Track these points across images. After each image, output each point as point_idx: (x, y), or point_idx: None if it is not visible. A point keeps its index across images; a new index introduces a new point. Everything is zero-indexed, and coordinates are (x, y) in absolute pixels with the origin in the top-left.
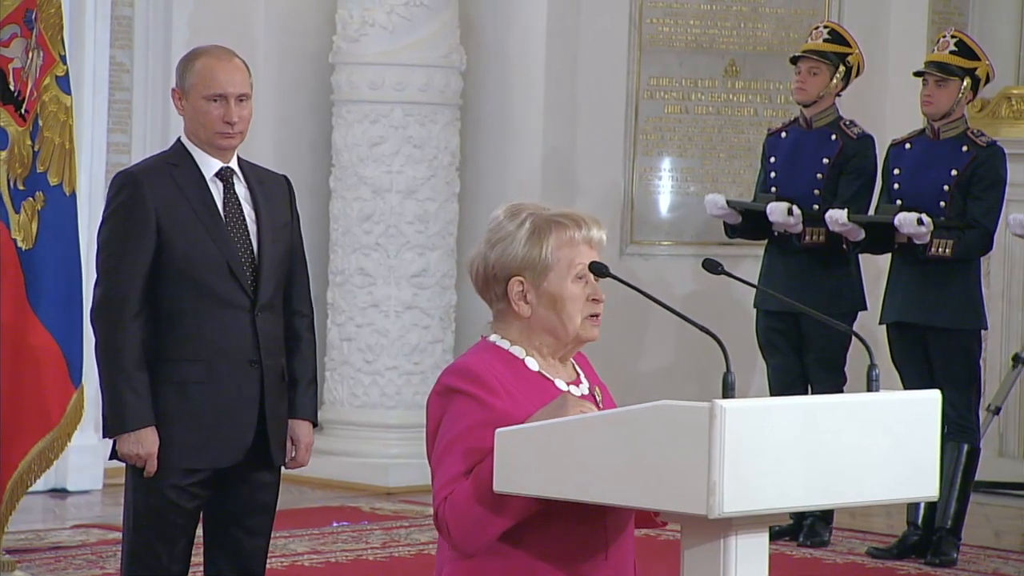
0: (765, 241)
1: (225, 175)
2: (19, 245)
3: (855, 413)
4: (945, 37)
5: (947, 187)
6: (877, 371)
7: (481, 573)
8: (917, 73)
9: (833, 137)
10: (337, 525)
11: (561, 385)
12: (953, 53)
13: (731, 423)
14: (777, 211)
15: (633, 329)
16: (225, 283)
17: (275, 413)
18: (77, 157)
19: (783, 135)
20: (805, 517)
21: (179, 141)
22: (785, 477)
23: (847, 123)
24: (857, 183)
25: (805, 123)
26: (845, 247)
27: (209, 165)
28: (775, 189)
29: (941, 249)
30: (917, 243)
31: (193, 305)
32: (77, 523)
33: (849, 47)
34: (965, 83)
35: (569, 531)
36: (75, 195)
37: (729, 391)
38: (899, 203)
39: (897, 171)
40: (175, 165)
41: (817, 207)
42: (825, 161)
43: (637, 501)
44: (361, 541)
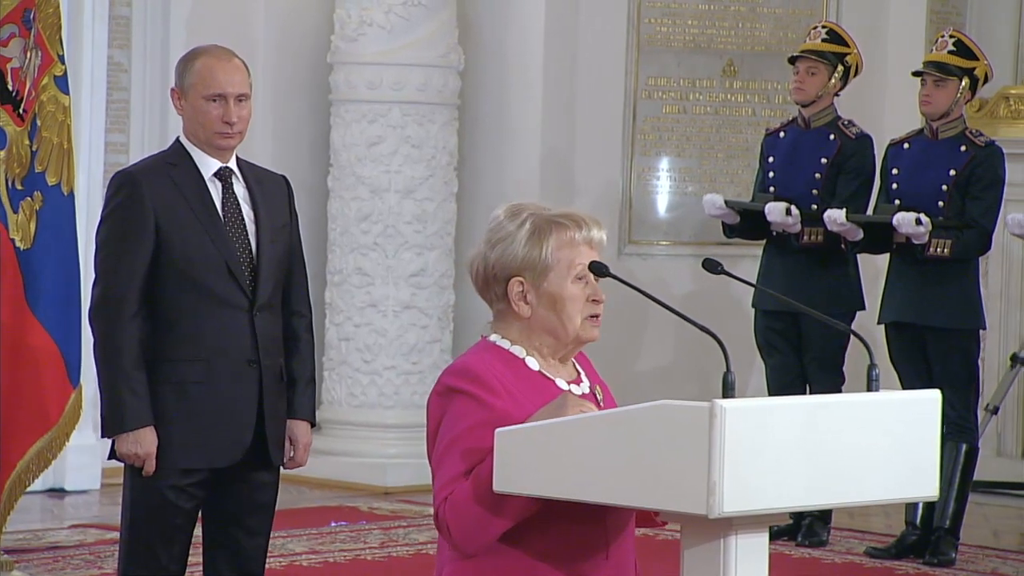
0: (763, 241)
1: (224, 175)
2: (17, 245)
3: (855, 413)
4: (943, 37)
5: (945, 187)
6: (877, 371)
7: (481, 573)
8: (916, 73)
9: (831, 137)
10: (335, 525)
11: (562, 384)
12: (951, 53)
13: (731, 423)
14: (775, 211)
15: (632, 329)
16: (224, 283)
17: (274, 413)
18: (75, 157)
19: (781, 135)
20: (803, 517)
21: (178, 141)
22: (785, 477)
23: (845, 123)
24: (855, 183)
25: (803, 123)
26: (843, 247)
27: (208, 165)
28: (773, 189)
29: (939, 249)
30: (915, 243)
31: (192, 305)
32: (75, 523)
33: (847, 47)
34: (963, 83)
35: (569, 531)
36: (73, 195)
37: (729, 391)
38: (897, 203)
39: (895, 171)
40: (174, 165)
41: (815, 207)
42: (823, 161)
43: (637, 501)
44: (359, 541)
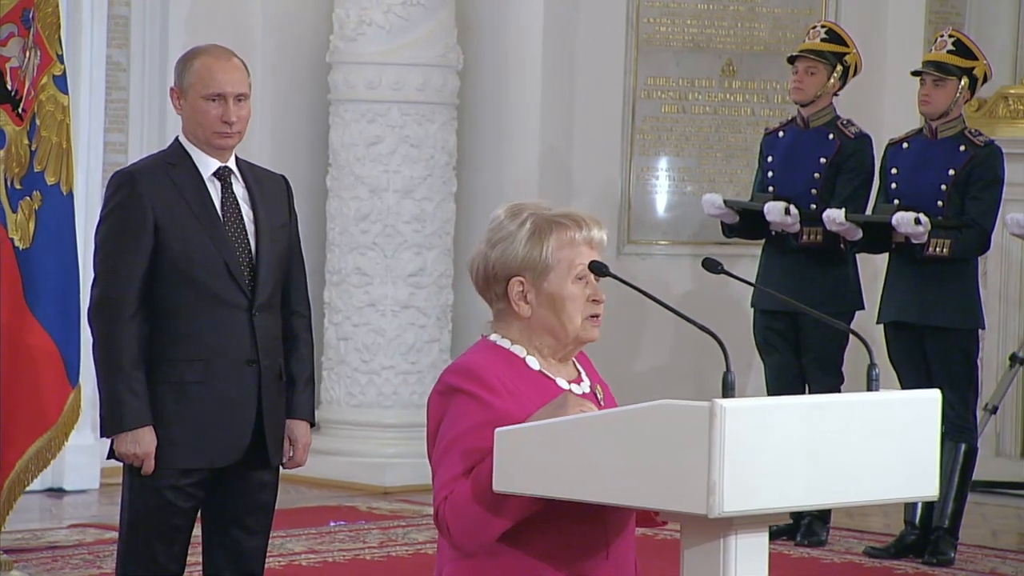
0: (762, 241)
1: (223, 175)
2: (16, 244)
3: (855, 413)
4: (943, 37)
5: (945, 186)
6: (877, 371)
7: (482, 572)
8: (915, 72)
9: (830, 136)
10: (334, 525)
11: (562, 383)
12: (951, 53)
13: (731, 422)
14: (774, 211)
15: (630, 329)
16: (223, 283)
17: (273, 413)
18: (74, 156)
19: (780, 134)
20: (802, 516)
21: (177, 140)
22: (785, 477)
23: (844, 122)
24: (854, 182)
25: (802, 123)
26: (843, 246)
27: (207, 165)
28: (772, 188)
29: (939, 249)
30: (915, 243)
31: (191, 305)
32: (74, 523)
33: (847, 47)
34: (963, 83)
35: (570, 530)
36: (72, 194)
37: (729, 390)
38: (897, 202)
39: (895, 170)
40: (173, 164)
41: (814, 206)
42: (822, 160)
43: (637, 501)
44: (358, 541)
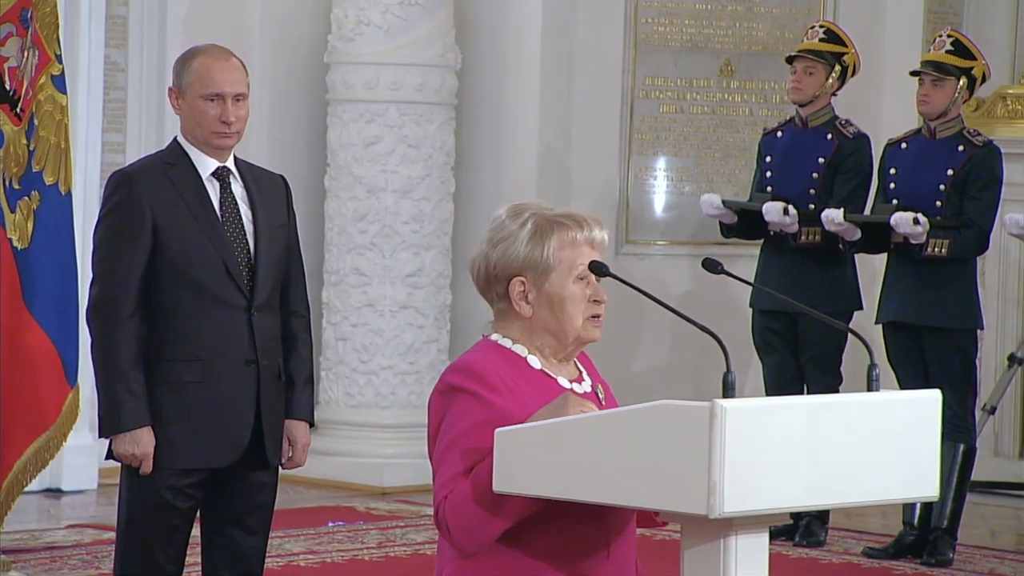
0: (761, 241)
1: (222, 175)
2: (15, 244)
3: (856, 413)
4: (941, 36)
5: (943, 187)
6: (877, 371)
7: (482, 572)
8: (913, 72)
9: (829, 136)
10: (333, 525)
11: (564, 383)
12: (949, 52)
13: (732, 423)
14: (773, 211)
15: (629, 329)
16: (222, 283)
17: (272, 413)
18: (72, 156)
19: (779, 134)
20: (801, 517)
21: (175, 140)
22: (786, 477)
23: (843, 122)
24: (853, 182)
25: (801, 122)
26: (841, 247)
27: (206, 165)
28: (771, 189)
29: (937, 249)
30: (913, 243)
31: (189, 305)
32: (72, 523)
33: (845, 47)
34: (961, 83)
35: (570, 530)
36: (71, 194)
37: (729, 391)
38: (895, 203)
39: (893, 171)
40: (171, 164)
41: (813, 207)
42: (821, 160)
43: (637, 501)
44: (357, 541)
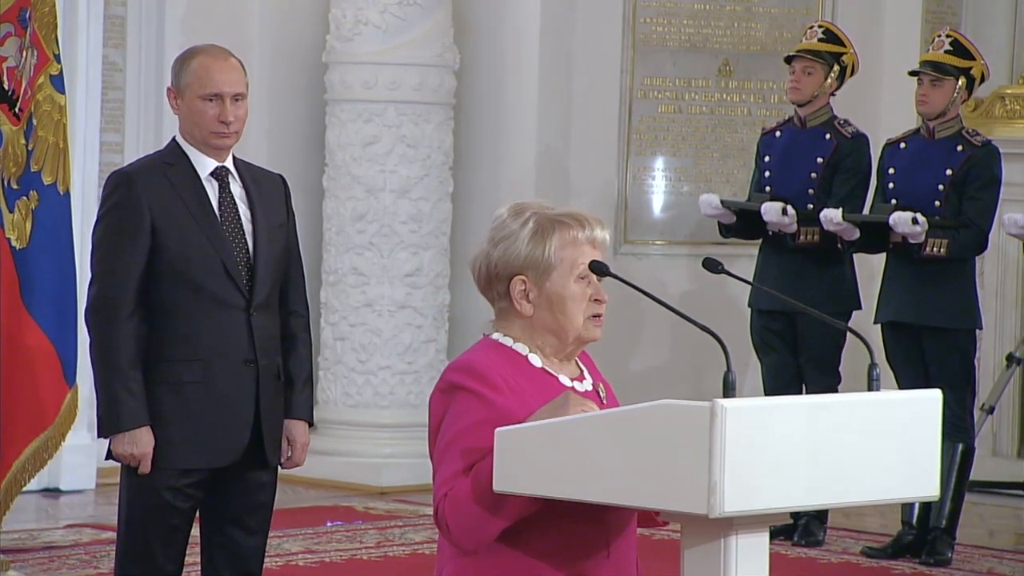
0: (759, 241)
1: (220, 174)
2: (13, 244)
3: (856, 413)
4: (940, 36)
5: (942, 186)
6: (878, 370)
7: (483, 571)
8: (912, 72)
9: (827, 136)
10: (331, 525)
11: (565, 381)
12: (948, 52)
13: (732, 422)
14: (771, 211)
15: (628, 329)
16: (221, 283)
17: (271, 413)
18: (71, 156)
19: (777, 134)
20: (800, 516)
21: (174, 140)
22: (786, 477)
23: (841, 122)
24: (851, 182)
25: (799, 122)
26: (840, 246)
27: (204, 164)
28: (769, 188)
29: (936, 249)
30: (912, 243)
31: (188, 305)
32: (70, 523)
33: (844, 47)
34: (960, 83)
35: (571, 529)
36: (69, 194)
37: (730, 390)
38: (894, 202)
39: (892, 170)
40: (170, 164)
41: (811, 206)
42: (819, 160)
43: (637, 500)
44: (355, 541)
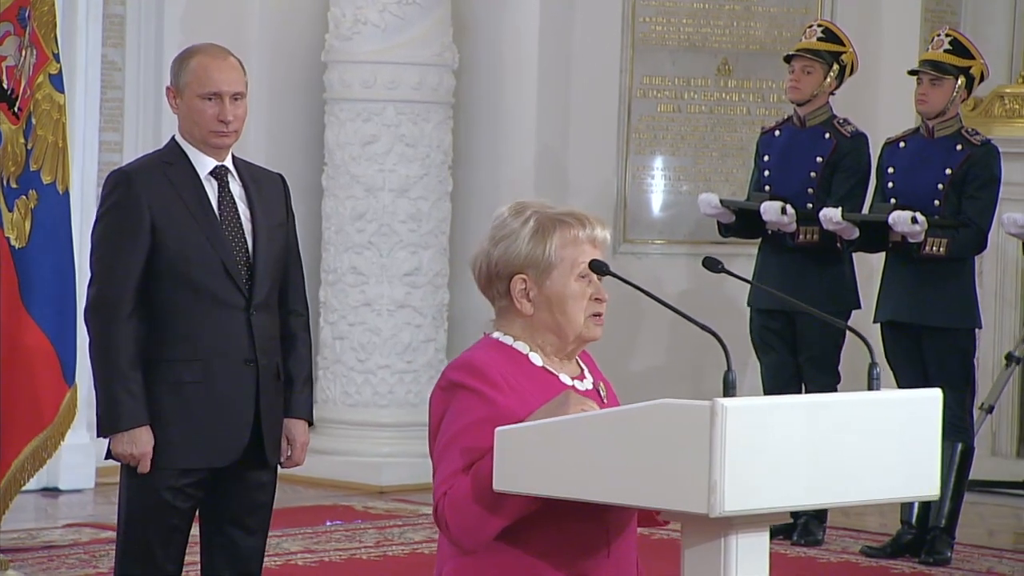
0: (759, 240)
1: (220, 174)
2: (12, 244)
3: (856, 412)
4: (940, 36)
5: (941, 186)
6: (878, 370)
7: (483, 570)
8: (912, 72)
9: (827, 136)
10: (330, 524)
11: (565, 380)
12: (948, 52)
13: (732, 422)
14: (771, 210)
15: (627, 328)
16: (220, 282)
17: (271, 412)
18: (70, 155)
19: (776, 133)
20: (799, 516)
21: (173, 140)
22: (786, 476)
23: (840, 121)
24: (851, 181)
25: (799, 122)
26: (839, 246)
27: (204, 164)
28: (768, 188)
29: (935, 248)
30: (911, 242)
31: (188, 304)
32: (69, 522)
33: (843, 46)
34: (960, 82)
35: (571, 528)
36: (68, 193)
37: (730, 390)
38: (893, 202)
39: (891, 170)
40: (169, 164)
41: (811, 206)
42: (819, 160)
43: (638, 500)
44: (355, 540)
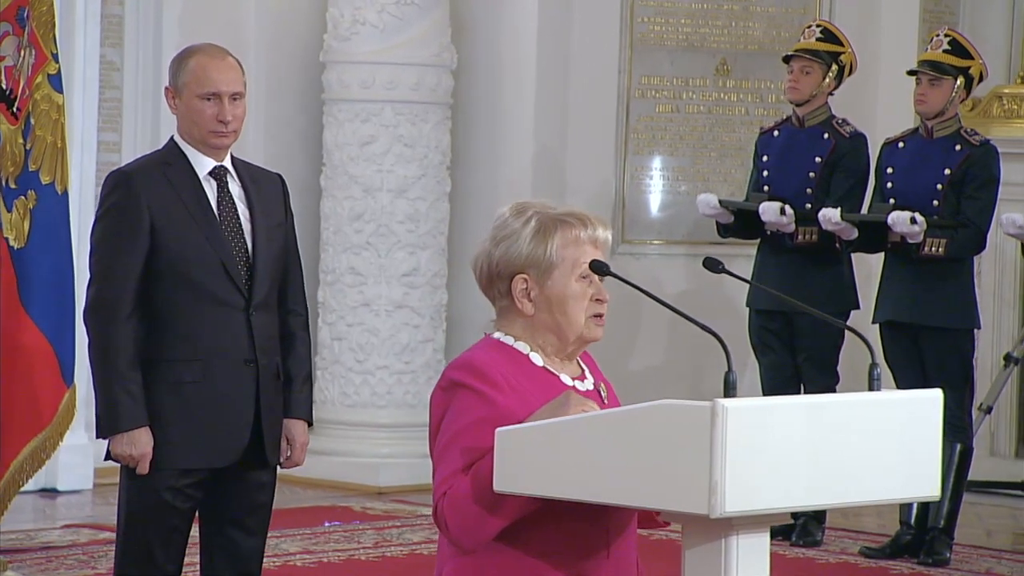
0: (758, 240)
1: (219, 174)
2: (11, 244)
3: (857, 412)
4: (938, 36)
5: (940, 186)
6: (878, 370)
7: (483, 570)
8: (911, 72)
9: (825, 136)
10: (329, 525)
11: (566, 380)
12: (946, 52)
13: (733, 422)
14: (769, 210)
15: (626, 328)
16: (220, 282)
17: (270, 412)
18: (68, 156)
19: (775, 134)
20: (798, 516)
21: (172, 140)
22: (787, 477)
23: (839, 122)
24: (850, 182)
25: (797, 122)
26: (838, 246)
27: (203, 164)
28: (767, 188)
29: (934, 248)
30: (910, 242)
31: (188, 305)
32: (67, 523)
33: (842, 46)
34: (958, 82)
35: (571, 529)
36: (67, 194)
37: (731, 390)
38: (892, 202)
39: (890, 170)
40: (168, 164)
41: (810, 206)
42: (817, 160)
43: (638, 501)
44: (353, 541)
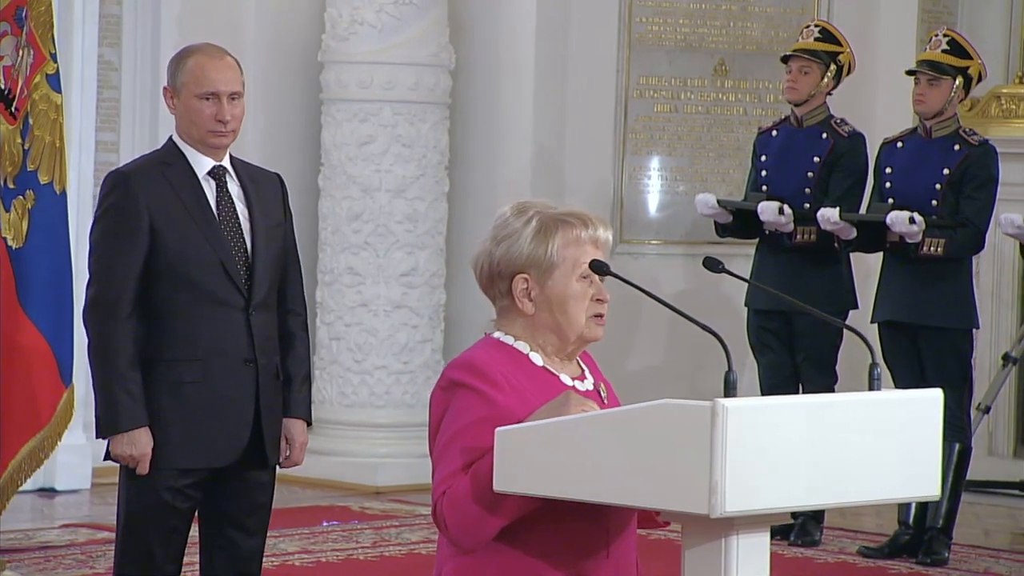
0: (756, 240)
1: (218, 173)
2: (9, 244)
3: (857, 412)
4: (937, 36)
5: (939, 186)
6: (878, 370)
7: (482, 570)
8: (909, 72)
9: (824, 136)
10: (327, 525)
11: (566, 380)
12: (945, 52)
13: (733, 422)
14: (768, 210)
15: (625, 328)
16: (219, 282)
17: (270, 412)
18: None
19: (774, 134)
20: (796, 516)
21: (171, 140)
22: (787, 477)
23: (838, 121)
24: (848, 181)
25: (796, 122)
26: (836, 246)
27: (201, 164)
28: (766, 188)
29: (933, 248)
30: (909, 242)
31: (187, 305)
32: (66, 523)
33: (840, 46)
34: (957, 82)
35: (570, 529)
36: (65, 194)
37: (731, 390)
38: (891, 202)
39: (889, 170)
40: (167, 164)
41: (808, 206)
42: (816, 160)
43: (638, 500)
44: (351, 540)
